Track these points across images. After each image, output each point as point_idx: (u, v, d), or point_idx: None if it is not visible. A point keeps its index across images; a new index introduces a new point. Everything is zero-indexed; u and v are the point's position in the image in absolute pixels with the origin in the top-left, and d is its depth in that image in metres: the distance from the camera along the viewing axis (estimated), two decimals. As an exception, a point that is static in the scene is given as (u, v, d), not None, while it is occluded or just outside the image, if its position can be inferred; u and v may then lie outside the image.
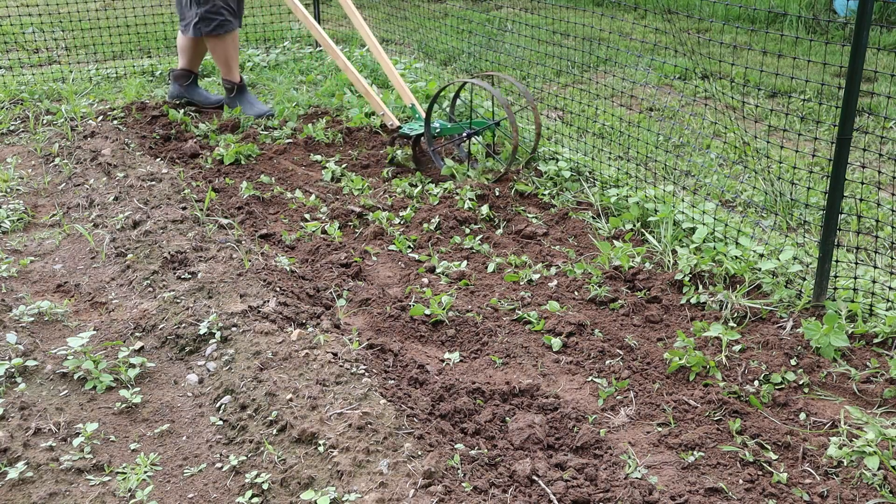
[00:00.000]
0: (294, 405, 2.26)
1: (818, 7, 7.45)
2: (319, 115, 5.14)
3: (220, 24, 4.80)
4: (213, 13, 4.78)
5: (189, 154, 4.50)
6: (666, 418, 2.38)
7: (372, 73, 5.96)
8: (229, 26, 4.86)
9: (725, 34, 6.74)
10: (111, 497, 2.06)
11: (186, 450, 2.26)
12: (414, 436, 2.14)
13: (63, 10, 7.12)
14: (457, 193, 3.89)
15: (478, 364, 2.67)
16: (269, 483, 2.06)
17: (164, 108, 5.12)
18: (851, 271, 3.04)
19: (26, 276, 3.23)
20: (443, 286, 3.16)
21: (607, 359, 2.67)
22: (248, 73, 6.33)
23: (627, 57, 5.52)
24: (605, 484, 2.09)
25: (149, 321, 2.84)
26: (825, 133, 4.67)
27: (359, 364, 2.46)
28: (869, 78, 5.56)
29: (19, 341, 2.65)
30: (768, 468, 2.16)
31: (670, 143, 4.64)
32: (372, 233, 3.61)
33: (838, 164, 2.72)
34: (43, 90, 5.66)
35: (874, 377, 2.53)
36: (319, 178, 4.24)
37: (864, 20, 2.58)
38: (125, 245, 3.36)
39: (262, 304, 2.81)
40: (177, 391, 2.51)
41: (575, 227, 3.64)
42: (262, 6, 7.90)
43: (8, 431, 2.23)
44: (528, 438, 2.25)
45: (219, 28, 4.81)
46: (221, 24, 4.81)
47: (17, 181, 4.18)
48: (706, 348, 2.70)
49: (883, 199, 3.72)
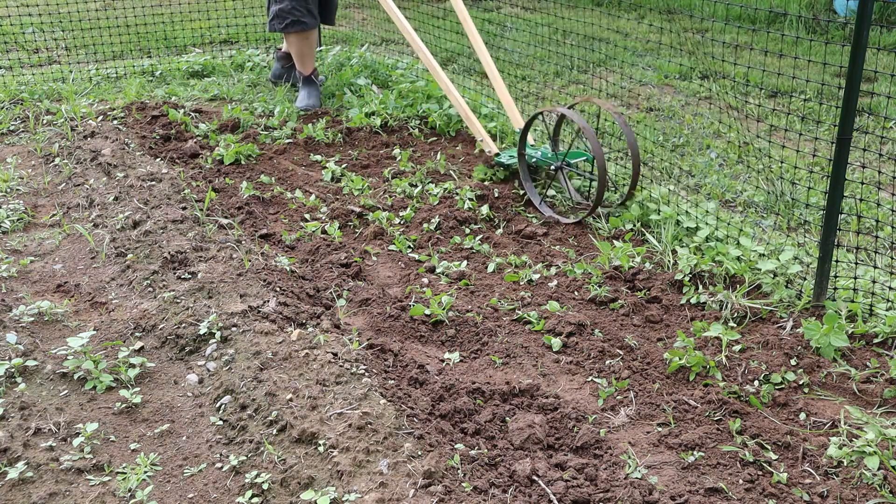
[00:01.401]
0: (294, 405, 2.26)
1: (818, 7, 7.45)
2: (319, 115, 5.14)
3: (291, 22, 5.04)
4: (286, 12, 5.02)
5: (189, 154, 4.50)
6: (666, 418, 2.38)
7: (372, 73, 5.96)
8: (301, 26, 5.07)
9: (726, 34, 6.74)
10: (111, 497, 2.06)
11: (186, 450, 2.26)
12: (414, 436, 2.14)
13: (63, 10, 7.12)
14: (457, 193, 3.89)
15: (478, 364, 2.67)
16: (269, 483, 2.06)
17: (164, 108, 5.12)
18: (851, 271, 3.04)
19: (26, 276, 3.23)
20: (443, 286, 3.16)
21: (607, 359, 2.67)
22: (247, 72, 6.33)
23: (628, 56, 5.52)
24: (605, 484, 2.09)
25: (149, 321, 2.84)
26: (825, 133, 4.67)
27: (359, 364, 2.46)
28: (869, 78, 5.56)
29: (19, 341, 2.65)
30: (768, 468, 2.16)
31: (670, 143, 4.64)
32: (372, 233, 3.61)
33: (838, 164, 2.72)
34: (43, 90, 5.66)
35: (874, 377, 2.53)
36: (319, 178, 4.24)
37: (864, 20, 2.58)
38: (125, 245, 3.36)
39: (262, 304, 2.81)
40: (177, 391, 2.51)
41: (575, 226, 3.64)
42: (262, 6, 7.89)
43: (8, 431, 2.23)
44: (528, 438, 2.25)
45: (290, 26, 5.05)
46: (293, 22, 5.05)
47: (17, 181, 4.18)
48: (706, 348, 2.70)
49: (883, 199, 3.71)
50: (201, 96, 5.70)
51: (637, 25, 5.56)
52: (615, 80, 5.73)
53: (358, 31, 7.68)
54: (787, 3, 7.47)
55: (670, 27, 4.15)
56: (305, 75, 5.29)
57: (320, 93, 5.37)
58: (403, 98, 5.14)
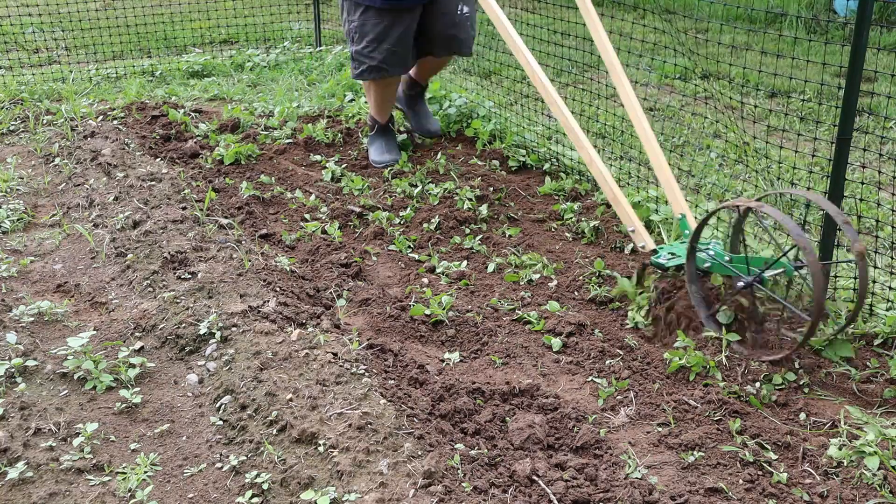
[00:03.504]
0: (294, 405, 2.25)
1: (818, 7, 7.45)
2: (319, 115, 5.14)
3: (368, 69, 4.11)
4: (363, 56, 4.09)
5: (189, 154, 4.50)
6: (666, 418, 2.38)
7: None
8: (378, 74, 4.12)
9: (725, 34, 6.74)
10: (111, 497, 2.06)
11: (186, 450, 2.26)
12: (414, 436, 2.14)
13: (63, 10, 7.12)
14: (456, 193, 3.89)
15: (478, 364, 2.67)
16: (269, 483, 2.06)
17: (164, 109, 5.12)
18: (852, 271, 3.04)
19: (26, 276, 3.23)
20: (443, 286, 3.16)
21: (607, 359, 2.67)
22: (247, 72, 6.34)
23: (627, 57, 5.52)
24: (605, 484, 2.09)
25: (149, 321, 2.84)
26: (825, 133, 4.67)
27: (359, 364, 2.46)
28: (869, 78, 5.56)
29: (19, 341, 2.64)
30: (768, 468, 2.16)
31: (670, 143, 4.64)
32: (372, 233, 3.61)
33: (838, 164, 2.72)
34: (43, 90, 5.66)
35: (874, 377, 2.53)
36: (319, 178, 4.24)
37: (864, 20, 2.58)
38: (125, 245, 3.36)
39: (262, 304, 2.81)
40: (177, 391, 2.51)
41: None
42: (262, 6, 7.90)
43: (8, 431, 2.23)
44: (528, 438, 2.25)
45: (366, 73, 4.14)
46: (370, 69, 4.11)
47: (17, 181, 4.18)
48: (706, 348, 2.70)
49: (883, 199, 3.71)
50: (201, 96, 5.71)
51: (636, 26, 5.56)
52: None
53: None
54: (786, 3, 7.47)
55: (671, 27, 4.15)
56: (381, 124, 4.42)
57: (398, 143, 4.54)
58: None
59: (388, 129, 4.45)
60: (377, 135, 4.43)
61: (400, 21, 4.02)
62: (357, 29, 4.07)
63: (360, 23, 4.05)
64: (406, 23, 4.04)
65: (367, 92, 4.39)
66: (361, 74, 4.15)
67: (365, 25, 4.03)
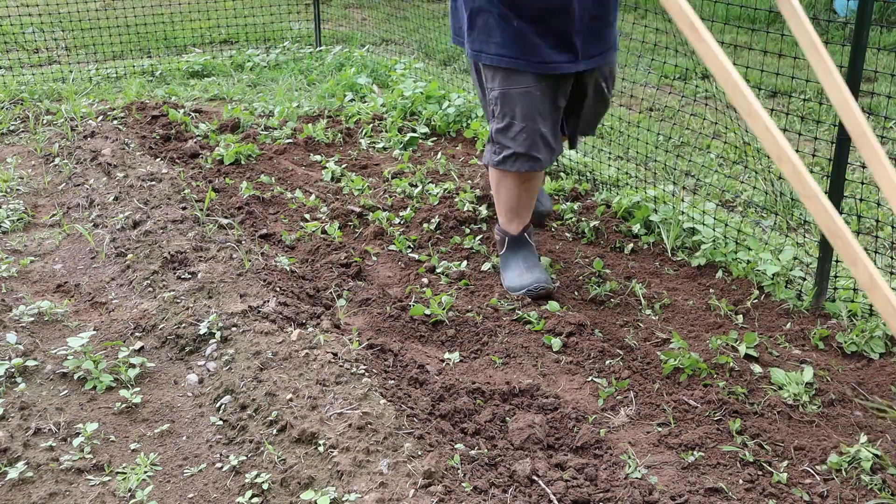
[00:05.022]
0: (294, 405, 2.25)
1: (818, 7, 7.45)
2: (319, 115, 5.14)
3: (511, 157, 2.96)
4: (507, 140, 2.94)
5: (189, 154, 4.50)
6: (666, 418, 2.38)
7: (372, 73, 5.95)
8: (524, 165, 2.95)
9: (725, 34, 6.74)
10: (111, 497, 2.06)
11: (186, 450, 2.25)
12: (414, 436, 2.14)
13: (63, 10, 7.12)
14: (457, 194, 3.89)
15: (478, 364, 2.67)
16: (269, 483, 2.06)
17: (164, 109, 5.12)
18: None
19: (26, 276, 3.23)
20: (443, 286, 3.16)
21: (607, 359, 2.67)
22: (247, 72, 6.33)
23: (627, 57, 5.52)
24: (605, 484, 2.09)
25: (149, 321, 2.84)
26: (825, 133, 4.67)
27: (359, 364, 2.46)
28: (869, 78, 5.56)
29: (19, 341, 2.64)
30: (768, 468, 2.16)
31: (670, 143, 4.64)
32: (372, 233, 3.61)
33: (838, 164, 2.72)
34: (43, 90, 5.66)
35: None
36: (319, 178, 4.24)
37: (864, 20, 2.58)
38: (125, 245, 3.36)
39: (262, 304, 2.81)
40: (177, 391, 2.51)
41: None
42: (262, 6, 7.90)
43: (8, 431, 2.23)
44: (528, 438, 2.25)
45: (505, 163, 2.97)
46: (515, 158, 2.95)
47: (17, 181, 4.18)
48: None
49: (883, 199, 3.71)
50: (201, 96, 5.70)
51: (636, 26, 5.56)
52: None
53: (358, 31, 7.68)
54: (786, 4, 7.45)
55: (671, 27, 4.15)
56: (513, 235, 3.17)
57: (539, 257, 3.26)
58: (404, 98, 5.14)
59: (525, 241, 3.18)
60: (510, 250, 3.18)
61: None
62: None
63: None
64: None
65: (493, 189, 3.18)
66: (500, 163, 3.00)
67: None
